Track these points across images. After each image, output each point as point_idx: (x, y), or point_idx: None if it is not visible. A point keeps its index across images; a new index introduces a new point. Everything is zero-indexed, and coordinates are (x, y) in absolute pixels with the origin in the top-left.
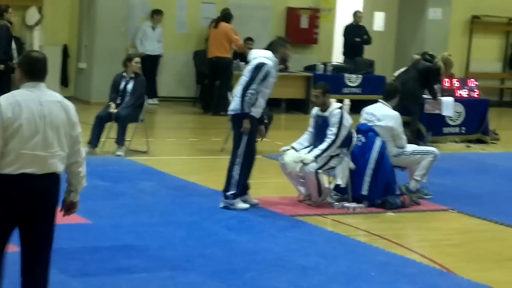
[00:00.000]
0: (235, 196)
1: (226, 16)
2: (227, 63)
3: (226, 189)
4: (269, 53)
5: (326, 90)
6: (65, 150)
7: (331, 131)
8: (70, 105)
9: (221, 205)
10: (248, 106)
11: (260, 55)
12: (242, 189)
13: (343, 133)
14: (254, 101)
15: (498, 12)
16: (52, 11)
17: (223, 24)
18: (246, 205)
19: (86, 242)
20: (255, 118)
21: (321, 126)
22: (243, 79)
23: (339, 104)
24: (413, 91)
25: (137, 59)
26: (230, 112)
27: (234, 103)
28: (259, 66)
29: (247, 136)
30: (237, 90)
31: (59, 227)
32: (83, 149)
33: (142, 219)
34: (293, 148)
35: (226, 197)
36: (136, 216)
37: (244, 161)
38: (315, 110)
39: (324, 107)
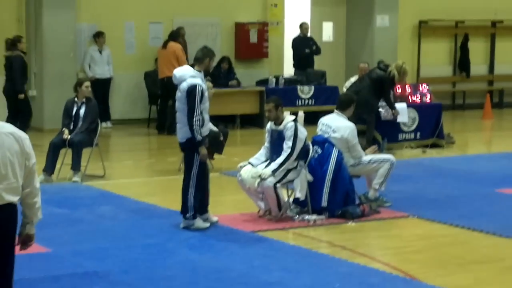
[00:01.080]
0: (193, 216)
1: (173, 34)
2: None
3: (184, 211)
4: (191, 70)
5: (279, 103)
6: (19, 181)
7: (287, 144)
8: (23, 136)
9: (182, 225)
10: (199, 133)
11: (185, 76)
12: (202, 208)
13: (299, 145)
14: (202, 123)
15: (445, 15)
16: None
17: (171, 44)
18: (206, 224)
19: (47, 271)
20: (206, 137)
21: (277, 140)
22: (181, 106)
23: (293, 117)
24: (367, 100)
25: (87, 84)
26: (180, 140)
27: (183, 132)
28: (192, 90)
29: (199, 159)
30: (179, 118)
31: (18, 257)
32: (38, 179)
33: (102, 244)
34: (250, 163)
35: (186, 218)
36: (96, 242)
37: (198, 183)
38: (269, 125)
39: (278, 121)
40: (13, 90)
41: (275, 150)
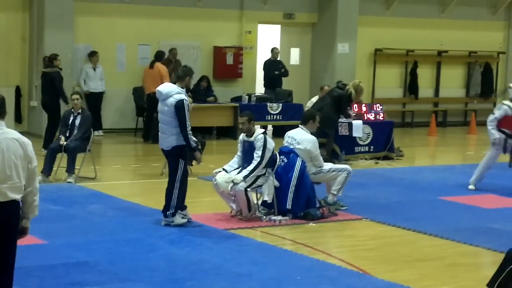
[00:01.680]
0: (173, 214)
1: (158, 56)
2: None
3: (166, 209)
4: (176, 87)
5: (251, 118)
6: (22, 181)
7: (257, 154)
8: (26, 141)
9: (163, 223)
10: (193, 140)
11: (171, 93)
12: (183, 205)
13: (267, 155)
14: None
15: (397, 45)
16: (5, 56)
17: (158, 64)
18: (184, 220)
19: (43, 260)
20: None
21: (248, 150)
22: (166, 119)
23: (263, 130)
24: (328, 116)
25: (74, 96)
26: (166, 148)
27: (168, 141)
28: (181, 105)
29: (183, 162)
30: (164, 129)
31: (18, 248)
32: (38, 180)
33: (92, 238)
34: (224, 169)
35: (166, 216)
36: (87, 235)
37: (181, 185)
38: (241, 136)
39: (250, 133)
40: (56, 102)
41: (246, 158)
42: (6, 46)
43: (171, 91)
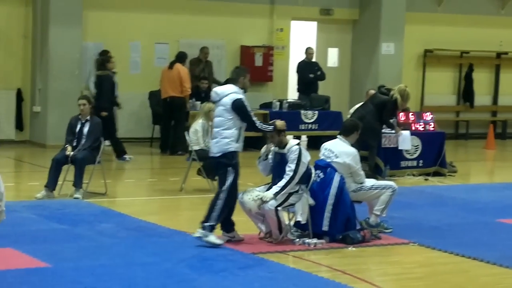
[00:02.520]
0: (212, 228)
1: (180, 57)
2: (182, 103)
3: (206, 220)
4: (233, 87)
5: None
6: None
7: (290, 167)
8: None
9: (196, 234)
10: (267, 126)
11: (227, 92)
12: (229, 226)
13: (302, 169)
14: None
15: (450, 45)
16: (5, 55)
17: (178, 66)
18: (220, 241)
19: (46, 286)
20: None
21: (280, 163)
22: (221, 122)
23: (297, 141)
24: (371, 125)
25: (80, 102)
26: (215, 155)
27: (218, 146)
28: (238, 104)
29: (233, 172)
30: (217, 133)
31: (17, 272)
32: (3, 185)
33: (102, 261)
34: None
35: (204, 228)
36: (96, 259)
37: (228, 197)
38: (273, 147)
39: (282, 144)
40: (109, 107)
41: (277, 173)
42: (6, 44)
43: (226, 91)
